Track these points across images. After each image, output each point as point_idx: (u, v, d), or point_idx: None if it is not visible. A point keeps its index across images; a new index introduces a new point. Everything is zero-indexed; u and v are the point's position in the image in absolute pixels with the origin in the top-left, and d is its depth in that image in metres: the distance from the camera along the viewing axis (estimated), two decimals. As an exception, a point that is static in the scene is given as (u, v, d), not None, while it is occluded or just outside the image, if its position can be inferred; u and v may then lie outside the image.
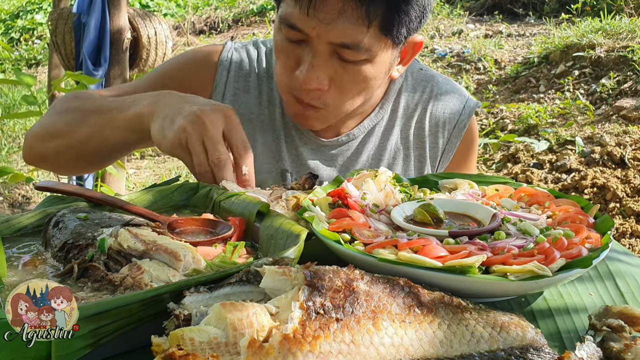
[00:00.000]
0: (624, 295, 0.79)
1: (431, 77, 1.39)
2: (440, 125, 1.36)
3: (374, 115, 1.32)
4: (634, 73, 4.42)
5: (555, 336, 0.69)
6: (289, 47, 1.11)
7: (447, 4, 7.43)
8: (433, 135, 1.36)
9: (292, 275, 0.57)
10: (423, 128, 1.36)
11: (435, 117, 1.36)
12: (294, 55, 1.11)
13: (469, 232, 0.78)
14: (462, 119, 1.36)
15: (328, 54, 1.07)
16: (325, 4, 1.02)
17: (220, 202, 0.92)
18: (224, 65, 1.32)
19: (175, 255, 0.69)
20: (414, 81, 1.37)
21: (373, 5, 1.02)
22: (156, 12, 7.57)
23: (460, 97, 1.38)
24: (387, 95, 1.33)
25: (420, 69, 1.40)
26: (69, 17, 3.55)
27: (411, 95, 1.36)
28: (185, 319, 0.53)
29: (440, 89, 1.38)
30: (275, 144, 1.32)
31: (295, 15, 1.05)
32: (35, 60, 7.88)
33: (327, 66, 1.08)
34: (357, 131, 1.32)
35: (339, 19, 1.02)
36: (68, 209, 0.86)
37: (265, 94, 1.32)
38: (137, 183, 4.58)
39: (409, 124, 1.36)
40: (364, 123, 1.32)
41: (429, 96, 1.36)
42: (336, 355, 0.53)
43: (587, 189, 3.41)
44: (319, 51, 1.07)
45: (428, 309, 0.61)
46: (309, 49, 1.08)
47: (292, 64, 1.12)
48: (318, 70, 1.08)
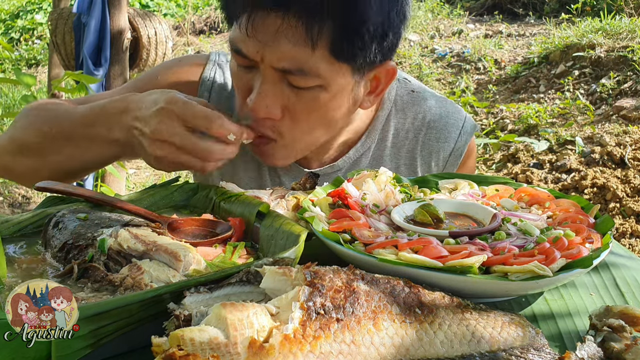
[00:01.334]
0: (625, 295, 0.79)
1: (423, 101, 1.27)
2: (433, 155, 1.26)
3: (360, 145, 1.23)
4: (634, 73, 4.42)
5: (555, 336, 0.69)
6: (240, 73, 1.04)
7: (447, 4, 7.43)
8: (426, 165, 1.27)
9: (293, 275, 0.57)
10: (415, 158, 1.26)
11: (429, 146, 1.26)
12: (245, 80, 1.04)
13: (469, 232, 0.78)
14: (457, 147, 1.26)
15: (277, 79, 0.99)
16: (263, 23, 0.95)
17: (220, 202, 0.92)
18: (206, 85, 1.25)
19: (175, 255, 0.69)
20: (404, 105, 1.26)
21: (315, 23, 0.93)
22: (156, 12, 7.56)
23: (456, 122, 1.27)
24: (373, 122, 1.24)
25: (412, 90, 1.29)
26: (69, 17, 3.55)
27: (401, 122, 1.26)
28: (185, 319, 0.53)
29: (434, 115, 1.26)
30: (258, 172, 1.26)
31: (238, 38, 0.99)
32: (35, 60, 7.88)
33: (277, 93, 1.00)
34: (342, 162, 1.23)
35: (280, 40, 0.95)
36: (68, 209, 0.86)
37: None
38: (137, 183, 4.58)
39: (399, 153, 1.26)
40: (349, 154, 1.23)
41: (421, 123, 1.26)
42: (337, 355, 0.53)
43: (587, 189, 3.41)
44: (267, 76, 0.99)
45: (428, 309, 0.61)
46: (258, 75, 1.01)
47: (245, 89, 1.04)
48: (267, 97, 0.99)
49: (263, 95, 1.00)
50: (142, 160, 1.01)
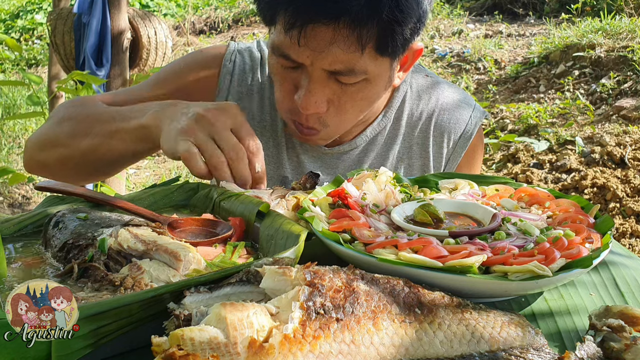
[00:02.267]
0: (624, 295, 0.79)
1: (437, 85, 1.36)
2: (445, 135, 1.33)
3: (377, 123, 1.30)
4: (634, 73, 4.42)
5: (555, 336, 0.69)
6: (284, 72, 1.09)
7: (447, 4, 7.43)
8: (437, 145, 1.33)
9: (292, 275, 0.57)
10: (427, 137, 1.33)
11: (440, 126, 1.33)
12: (290, 79, 1.09)
13: (469, 232, 0.78)
14: (468, 129, 1.33)
15: (325, 78, 1.06)
16: (316, 35, 1.00)
17: (220, 202, 0.92)
18: (227, 69, 1.31)
19: (176, 255, 0.69)
20: (419, 89, 1.34)
21: (365, 30, 0.99)
22: (156, 12, 7.57)
23: (467, 106, 1.35)
24: (390, 102, 1.30)
25: (427, 75, 1.37)
26: (68, 17, 3.55)
27: (416, 103, 1.33)
28: (185, 319, 0.53)
29: (446, 97, 1.35)
30: (276, 150, 1.30)
31: (286, 45, 1.03)
32: (35, 61, 7.87)
33: (325, 90, 1.07)
34: (360, 140, 1.30)
35: (332, 48, 1.00)
36: (68, 209, 0.86)
37: (268, 99, 1.30)
38: (137, 183, 4.58)
39: (413, 133, 1.33)
40: (366, 131, 1.30)
41: (435, 105, 1.33)
42: (336, 355, 0.53)
43: (587, 189, 3.41)
44: (315, 76, 1.05)
45: (428, 309, 0.61)
46: (305, 74, 1.06)
47: (290, 87, 1.10)
48: (315, 95, 1.06)
49: (312, 93, 1.06)
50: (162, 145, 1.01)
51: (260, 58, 1.33)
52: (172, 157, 0.99)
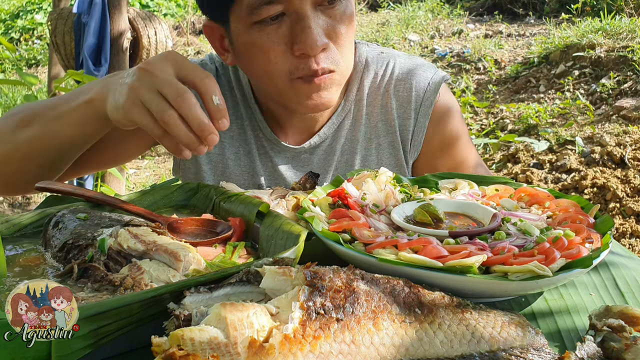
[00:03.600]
0: (624, 295, 0.79)
1: (391, 57, 1.32)
2: (405, 106, 1.28)
3: (341, 109, 1.28)
4: (634, 73, 4.42)
5: (555, 336, 0.69)
6: (271, 33, 1.08)
7: (447, 4, 7.43)
8: (400, 118, 1.29)
9: (293, 275, 0.57)
10: (390, 112, 1.29)
11: (400, 97, 1.28)
12: (278, 38, 1.08)
13: (469, 232, 0.78)
14: (427, 97, 1.27)
15: (314, 10, 1.06)
16: None
17: (220, 202, 0.92)
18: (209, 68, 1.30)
19: (175, 255, 0.69)
20: (375, 65, 1.31)
21: None
22: (156, 12, 7.57)
23: (425, 72, 1.29)
24: (349, 86, 1.28)
25: (381, 52, 1.34)
26: (69, 17, 3.55)
27: (373, 80, 1.30)
28: (185, 319, 0.53)
29: (402, 67, 1.30)
30: (249, 159, 1.29)
31: None
32: (35, 60, 7.88)
33: (318, 23, 1.07)
34: (327, 129, 1.28)
35: None
36: (68, 209, 0.86)
37: (231, 109, 1.27)
38: (137, 183, 4.58)
39: (374, 110, 1.30)
40: (332, 119, 1.28)
41: (390, 76, 1.29)
42: (336, 355, 0.53)
43: (587, 189, 3.41)
44: (304, 12, 1.05)
45: (428, 309, 0.61)
46: (293, 19, 1.06)
47: (281, 47, 1.08)
48: (315, 30, 1.06)
49: (311, 29, 1.06)
50: (111, 115, 0.92)
51: (215, 70, 1.31)
52: (124, 126, 0.92)
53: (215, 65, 1.32)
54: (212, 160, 1.30)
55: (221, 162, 1.29)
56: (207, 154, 1.29)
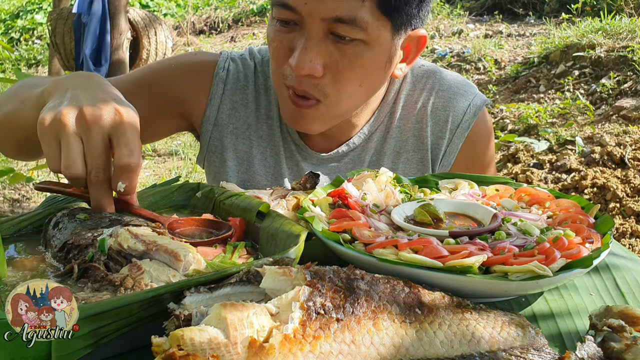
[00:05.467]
0: (625, 295, 0.79)
1: (433, 73, 1.28)
2: (441, 125, 1.26)
3: (373, 120, 1.26)
4: (634, 73, 4.42)
5: (555, 336, 0.69)
6: (281, 34, 1.06)
7: (447, 4, 7.43)
8: (435, 136, 1.26)
9: (293, 275, 0.57)
10: (423, 128, 1.26)
11: (437, 115, 1.26)
12: (287, 41, 1.06)
13: (469, 232, 0.78)
14: (465, 119, 1.25)
15: (322, 35, 1.02)
16: None
17: (220, 202, 0.92)
18: (220, 76, 1.26)
19: (176, 255, 0.69)
20: (414, 78, 1.27)
21: None
22: (156, 12, 7.57)
23: (466, 93, 1.26)
24: (385, 97, 1.26)
25: (422, 65, 1.30)
26: (69, 17, 3.55)
27: (410, 93, 1.27)
28: (185, 319, 0.53)
29: (443, 85, 1.27)
30: (275, 160, 1.27)
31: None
32: (35, 60, 7.88)
33: (321, 48, 1.03)
34: (357, 139, 1.26)
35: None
36: (68, 209, 0.86)
37: (263, 107, 1.27)
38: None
39: (407, 124, 1.27)
40: (363, 129, 1.26)
41: (430, 93, 1.26)
42: (337, 355, 0.53)
43: (587, 189, 3.41)
44: (313, 32, 1.02)
45: (428, 309, 0.61)
46: (302, 32, 1.03)
47: (285, 51, 1.07)
48: (311, 52, 1.02)
49: (308, 50, 1.02)
50: (41, 110, 0.82)
51: (254, 66, 1.29)
52: (33, 136, 0.83)
53: (254, 61, 1.30)
54: (238, 156, 1.28)
55: (247, 159, 1.28)
56: (234, 150, 1.28)
